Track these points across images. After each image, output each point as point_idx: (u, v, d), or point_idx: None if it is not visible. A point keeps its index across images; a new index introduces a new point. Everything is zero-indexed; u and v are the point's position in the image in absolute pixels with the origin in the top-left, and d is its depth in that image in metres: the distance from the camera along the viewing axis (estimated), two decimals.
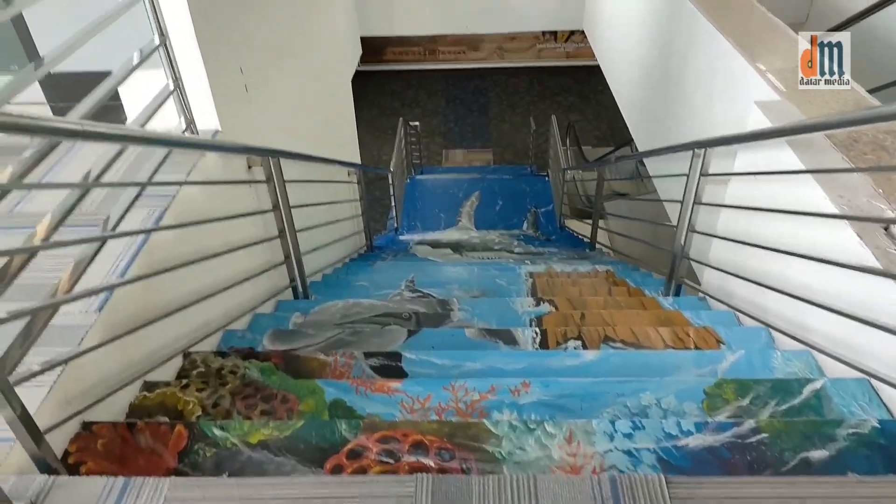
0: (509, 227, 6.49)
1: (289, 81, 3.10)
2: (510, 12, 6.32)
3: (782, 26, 2.95)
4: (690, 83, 3.45)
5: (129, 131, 1.50)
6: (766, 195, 2.12)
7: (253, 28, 2.56)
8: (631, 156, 5.06)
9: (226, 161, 2.21)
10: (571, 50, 11.34)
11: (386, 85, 11.14)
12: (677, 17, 3.65)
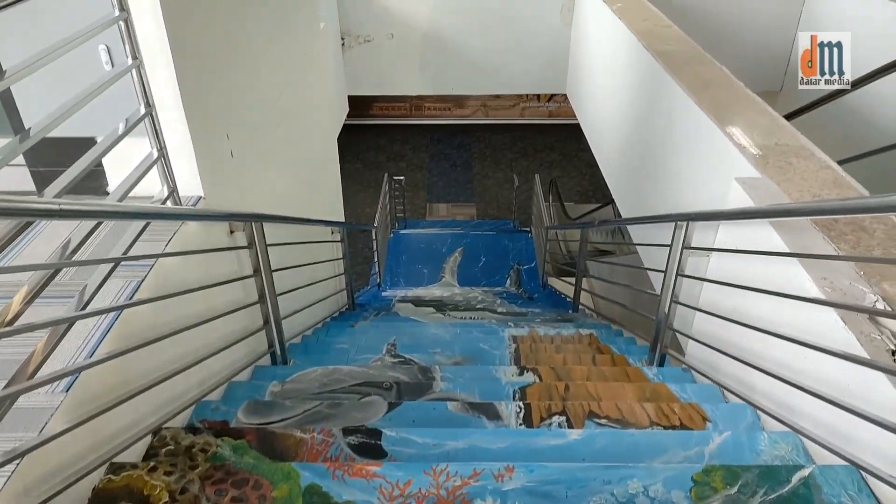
0: (492, 283, 6.48)
1: (275, 143, 3.11)
2: (495, 75, 6.47)
3: (760, 102, 3.03)
4: (671, 154, 3.52)
5: (108, 207, 1.47)
6: (749, 271, 2.14)
7: (240, 94, 2.57)
8: (613, 221, 5.12)
9: (207, 227, 2.18)
10: (554, 109, 11.65)
11: (372, 139, 11.28)
12: (657, 89, 3.75)
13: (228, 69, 2.40)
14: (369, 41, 6.30)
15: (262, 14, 2.81)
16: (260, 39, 2.82)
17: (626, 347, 3.20)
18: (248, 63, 2.62)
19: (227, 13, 2.38)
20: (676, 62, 3.62)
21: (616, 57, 4.82)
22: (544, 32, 6.36)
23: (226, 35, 2.37)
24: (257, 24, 2.76)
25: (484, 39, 6.40)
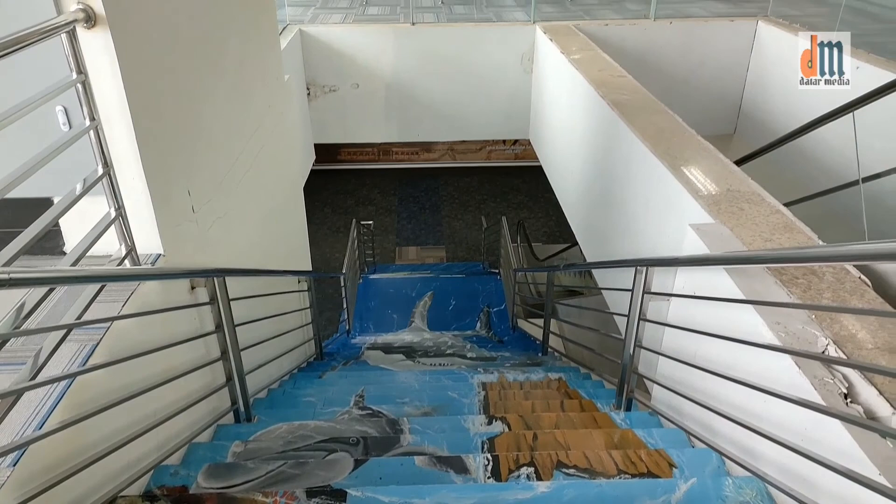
0: (462, 327, 6.47)
1: (238, 196, 3.11)
2: (459, 122, 6.60)
3: (712, 149, 3.15)
4: (630, 199, 3.62)
5: (61, 272, 1.45)
6: (708, 315, 2.18)
7: (202, 150, 2.57)
8: (578, 265, 5.20)
9: (167, 284, 2.15)
10: (520, 151, 11.89)
11: (340, 183, 11.33)
12: (614, 136, 3.87)
13: (189, 126, 2.41)
14: (335, 91, 6.39)
15: (224, 69, 2.84)
16: (222, 94, 2.85)
17: (594, 391, 3.21)
18: (209, 119, 2.63)
19: (188, 71, 2.39)
20: (631, 111, 3.76)
21: (574, 104, 4.98)
22: (506, 80, 6.54)
23: (186, 92, 2.38)
24: (219, 80, 2.78)
25: (447, 88, 6.55)
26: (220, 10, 2.79)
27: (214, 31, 2.72)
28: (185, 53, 2.37)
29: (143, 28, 1.99)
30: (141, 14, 1.97)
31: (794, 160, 4.81)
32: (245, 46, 3.17)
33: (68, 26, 1.73)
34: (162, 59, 2.13)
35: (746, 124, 6.44)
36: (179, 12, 2.31)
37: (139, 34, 1.95)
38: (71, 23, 1.73)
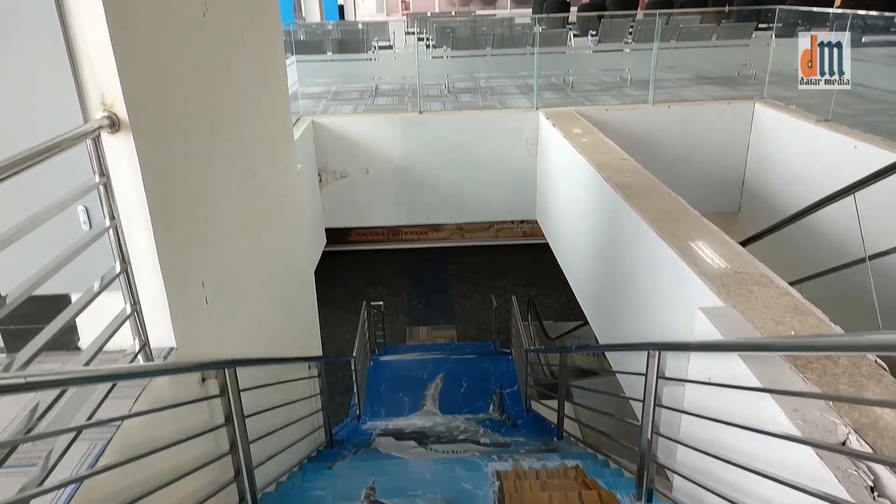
0: (475, 410, 6.34)
1: (250, 284, 3.15)
2: (466, 205, 6.75)
3: (717, 231, 3.19)
4: (639, 281, 3.63)
5: (76, 373, 1.46)
6: (725, 401, 2.14)
7: (217, 244, 2.64)
8: (590, 347, 5.16)
9: (178, 378, 2.15)
10: (528, 229, 12.04)
11: (350, 264, 11.44)
12: (620, 219, 3.93)
13: (204, 220, 2.48)
14: (345, 177, 6.58)
15: (239, 165, 2.96)
16: (237, 188, 2.94)
17: (613, 481, 3.10)
18: (224, 212, 2.71)
19: (204, 169, 2.49)
20: (635, 193, 3.84)
21: (579, 187, 5.08)
22: (512, 163, 6.72)
23: (202, 190, 2.47)
24: (234, 175, 2.89)
25: (454, 171, 6.73)
26: (237, 111, 2.94)
27: (231, 131, 2.84)
28: (203, 153, 2.48)
29: (163, 132, 2.09)
30: (161, 119, 2.07)
31: (799, 238, 4.83)
32: (260, 142, 3.31)
33: (94, 133, 1.82)
34: (180, 160, 2.22)
35: (750, 202, 6.53)
36: (198, 116, 2.43)
37: (159, 138, 2.05)
38: (97, 129, 1.83)
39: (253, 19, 3.29)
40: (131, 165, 1.90)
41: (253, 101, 3.24)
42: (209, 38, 2.58)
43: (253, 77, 3.21)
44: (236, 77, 2.91)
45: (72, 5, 1.81)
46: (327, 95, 7.87)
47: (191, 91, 2.36)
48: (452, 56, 8.27)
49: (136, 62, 1.91)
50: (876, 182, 2.89)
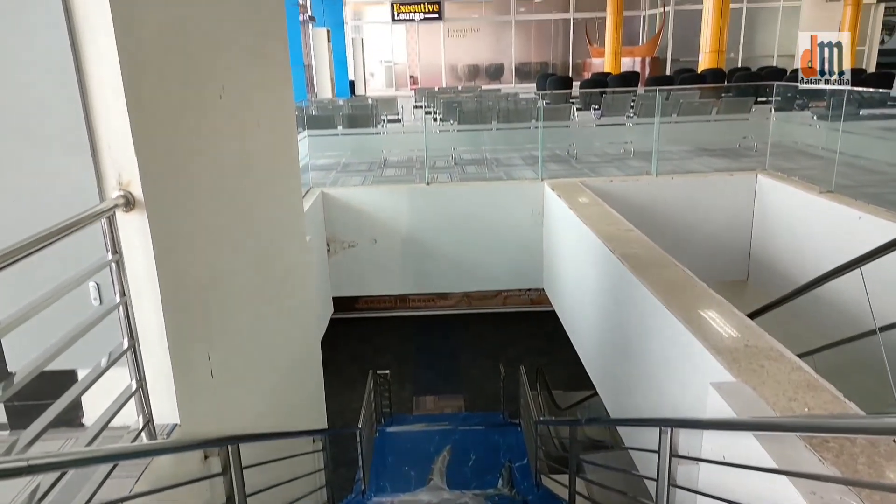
0: (483, 485, 6.14)
1: (256, 357, 3.14)
2: (473, 273, 6.79)
3: (725, 303, 3.18)
4: (648, 354, 3.59)
5: (79, 454, 1.45)
6: (742, 481, 2.08)
7: (224, 317, 2.65)
8: (600, 420, 5.06)
9: (181, 455, 2.12)
10: (535, 297, 12.00)
11: (357, 331, 11.37)
12: (627, 291, 3.93)
13: (213, 296, 2.50)
14: (353, 246, 6.66)
15: (250, 241, 3.01)
16: (246, 263, 2.98)
17: None
18: (233, 287, 2.74)
19: (215, 247, 2.54)
20: (641, 265, 3.85)
21: (585, 258, 5.11)
22: (518, 233, 6.79)
23: (212, 266, 2.50)
24: (244, 252, 2.93)
25: (461, 240, 6.80)
26: (250, 188, 3.02)
27: (243, 208, 2.91)
28: (214, 230, 2.53)
29: (177, 210, 2.14)
30: (175, 197, 2.13)
31: (807, 308, 4.79)
32: (271, 217, 3.38)
33: (110, 211, 1.87)
34: (192, 237, 2.27)
35: (758, 270, 6.53)
36: (211, 194, 2.50)
37: (172, 216, 2.10)
38: (112, 208, 1.88)
39: (267, 99, 3.43)
40: (144, 243, 1.94)
41: (265, 178, 3.33)
42: (224, 120, 2.68)
43: (266, 155, 3.31)
44: (250, 156, 3.01)
45: (95, 89, 1.90)
46: (337, 167, 8.06)
47: (205, 170, 2.44)
48: (459, 130, 8.51)
49: (153, 143, 1.99)
50: (882, 256, 2.90)
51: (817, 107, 8.09)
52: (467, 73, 25.38)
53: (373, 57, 24.64)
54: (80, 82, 1.88)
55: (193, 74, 2.38)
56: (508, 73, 25.19)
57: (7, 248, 1.44)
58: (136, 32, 1.93)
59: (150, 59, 2.02)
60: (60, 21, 1.82)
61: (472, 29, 24.92)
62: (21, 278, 2.02)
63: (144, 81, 1.97)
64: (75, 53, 1.85)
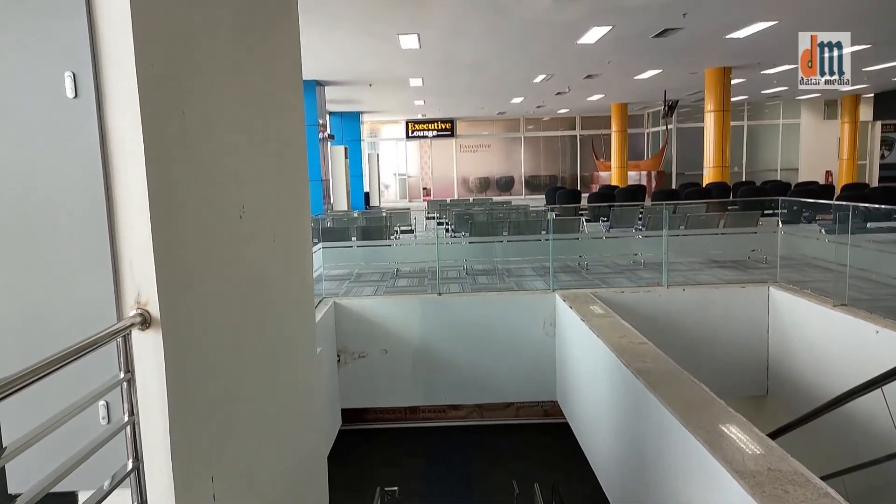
0: None
1: (261, 476, 3.04)
2: (485, 385, 6.69)
3: (746, 423, 3.09)
4: (667, 474, 3.45)
5: None
6: None
7: (231, 437, 2.60)
8: None
9: None
10: (549, 408, 11.64)
11: (366, 443, 11.00)
12: (642, 407, 3.84)
13: (222, 417, 2.48)
14: (364, 357, 6.62)
15: (262, 360, 3.01)
16: (256, 380, 2.97)
17: None
18: (243, 409, 2.71)
19: (229, 366, 2.54)
20: (656, 380, 3.78)
21: (598, 371, 5.03)
22: (530, 344, 6.74)
23: (224, 387, 2.50)
24: (254, 369, 2.93)
25: (473, 352, 6.75)
26: (265, 306, 3.06)
27: (258, 327, 2.94)
28: (228, 349, 2.55)
29: (193, 330, 2.17)
30: (192, 317, 2.17)
31: (831, 427, 4.62)
32: (282, 330, 3.40)
33: (125, 330, 1.91)
34: (206, 357, 2.28)
35: (778, 386, 6.36)
36: (227, 313, 2.54)
37: (188, 336, 2.13)
38: (129, 327, 1.91)
39: (285, 214, 3.56)
40: (157, 362, 1.95)
41: (279, 291, 3.39)
42: (243, 238, 2.77)
43: (281, 268, 3.39)
44: (265, 270, 3.08)
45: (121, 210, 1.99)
46: (350, 277, 8.19)
47: (220, 288, 2.50)
48: (471, 241, 8.70)
49: (173, 263, 2.05)
50: None
51: (824, 220, 8.25)
52: (478, 185, 26.28)
53: (387, 170, 25.71)
54: (109, 203, 1.97)
55: (218, 197, 2.49)
56: (519, 185, 26.05)
57: (21, 371, 1.46)
58: (166, 160, 2.05)
59: (177, 183, 2.14)
60: (95, 148, 1.95)
61: (483, 145, 26.09)
62: (29, 398, 2.03)
63: (171, 204, 2.07)
64: (106, 179, 1.96)
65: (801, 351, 5.99)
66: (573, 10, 8.08)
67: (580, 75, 13.91)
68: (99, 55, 1.78)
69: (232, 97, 2.58)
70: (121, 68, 1.76)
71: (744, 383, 6.47)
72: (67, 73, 1.78)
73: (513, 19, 8.44)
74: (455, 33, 9.25)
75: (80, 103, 1.81)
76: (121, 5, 1.69)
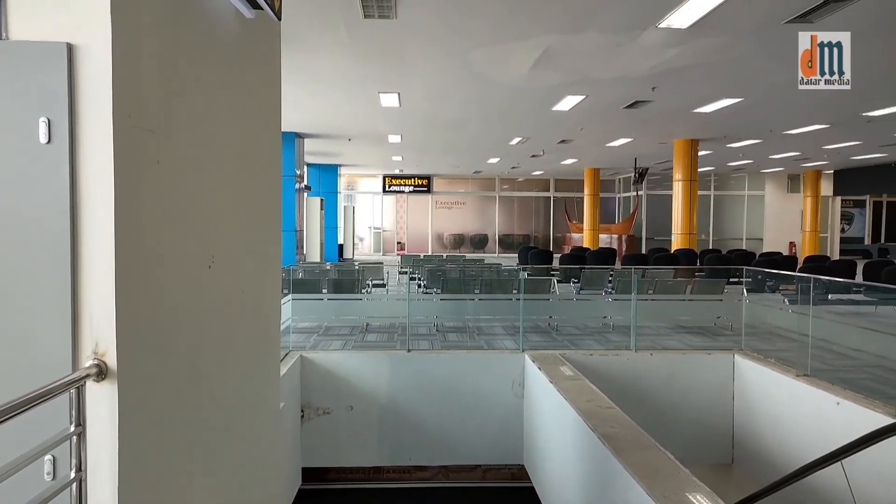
0: None
1: None
2: (452, 447, 6.57)
3: (710, 493, 3.07)
4: None
5: None
6: None
7: (181, 491, 2.50)
8: None
9: None
10: (516, 471, 11.40)
11: None
12: (609, 474, 3.79)
13: (174, 473, 2.38)
14: (328, 413, 6.46)
15: (221, 415, 2.92)
16: (216, 439, 2.87)
17: None
18: (197, 466, 2.61)
19: (185, 420, 2.46)
20: (622, 446, 3.76)
21: (566, 434, 4.98)
22: (498, 405, 6.67)
23: (178, 441, 2.41)
24: (215, 428, 2.84)
25: (440, 411, 6.64)
26: (226, 358, 3.00)
27: (218, 380, 2.87)
28: (187, 404, 2.47)
29: (150, 382, 2.11)
30: (151, 369, 2.11)
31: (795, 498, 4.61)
32: (245, 385, 3.32)
33: (80, 381, 1.84)
34: (162, 410, 2.21)
35: (743, 454, 6.36)
36: (187, 366, 2.47)
37: (145, 388, 2.06)
38: (84, 378, 1.85)
39: (255, 266, 3.53)
40: (111, 416, 1.89)
41: (245, 346, 3.32)
42: (210, 289, 2.74)
43: (247, 320, 3.34)
44: (232, 325, 3.03)
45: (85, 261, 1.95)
46: (319, 330, 8.07)
47: (182, 339, 2.44)
48: (443, 298, 8.69)
49: (135, 314, 2.01)
50: (862, 449, 2.87)
51: (787, 290, 8.46)
52: (453, 241, 26.48)
53: (363, 223, 25.81)
54: (74, 248, 1.93)
55: (187, 248, 2.47)
56: (492, 243, 26.33)
57: None
58: (136, 208, 2.03)
59: (146, 232, 2.11)
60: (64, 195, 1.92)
61: (458, 202, 26.44)
62: None
63: (138, 253, 2.04)
64: (73, 224, 1.92)
65: (765, 419, 6.03)
66: (549, 80, 8.40)
67: (555, 140, 14.33)
68: (76, 103, 1.79)
69: (209, 148, 2.60)
70: (98, 117, 1.76)
71: (709, 451, 6.45)
72: (42, 119, 1.78)
73: (491, 85, 8.73)
74: (435, 95, 9.51)
75: (52, 149, 1.81)
76: (102, 58, 1.72)
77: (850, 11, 5.30)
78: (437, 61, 7.55)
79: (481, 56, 7.22)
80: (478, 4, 5.53)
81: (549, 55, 7.10)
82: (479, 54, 7.15)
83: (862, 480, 3.03)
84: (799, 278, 6.85)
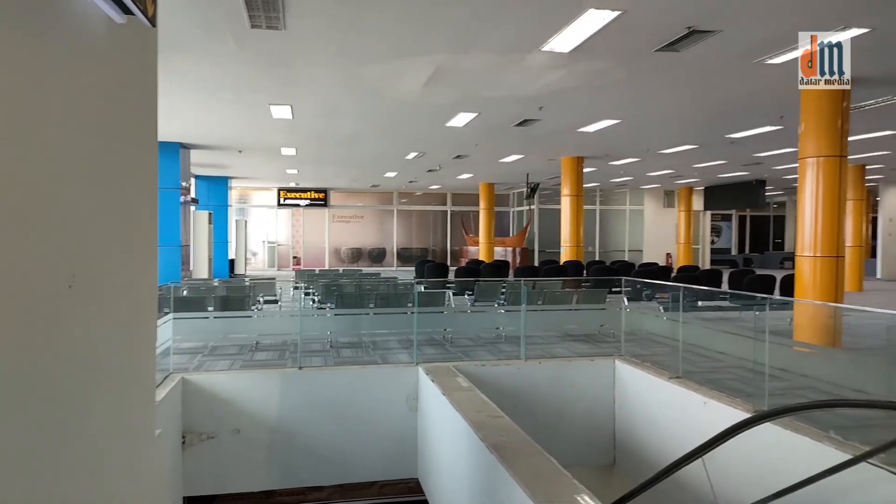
0: None
1: None
2: (346, 464, 6.45)
3: (589, 495, 3.21)
4: None
5: None
6: None
7: None
8: None
9: None
10: (413, 485, 11.38)
11: None
12: (495, 482, 3.88)
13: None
14: (213, 438, 6.14)
15: (77, 445, 2.70)
16: (81, 474, 2.65)
17: None
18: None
19: (33, 448, 2.26)
20: (509, 454, 3.86)
21: (457, 445, 5.05)
22: (393, 420, 6.64)
23: (38, 473, 2.20)
24: (69, 464, 2.62)
25: (334, 429, 6.51)
26: (89, 381, 2.79)
27: (80, 408, 2.66)
28: (47, 438, 2.27)
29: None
30: None
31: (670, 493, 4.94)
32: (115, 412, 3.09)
33: None
34: (19, 450, 2.01)
35: (623, 454, 6.73)
36: (45, 395, 2.27)
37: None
38: None
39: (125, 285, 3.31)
40: None
41: (111, 373, 3.10)
42: (71, 311, 2.54)
43: (113, 344, 3.12)
44: (94, 346, 2.82)
45: None
46: (204, 350, 7.68)
47: (40, 368, 2.24)
48: (337, 313, 8.56)
49: None
50: (718, 446, 3.12)
51: (662, 298, 9.10)
52: (350, 255, 26.21)
53: (256, 237, 24.94)
54: None
55: (42, 267, 2.28)
56: (391, 257, 26.31)
57: None
58: None
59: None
60: None
61: (356, 215, 26.24)
62: None
63: None
64: None
65: (643, 421, 6.42)
66: (442, 97, 8.57)
67: (450, 155, 14.61)
68: None
69: (70, 158, 2.42)
70: None
71: (593, 453, 6.77)
72: None
73: (386, 100, 8.77)
74: (329, 108, 9.42)
75: None
76: None
77: (715, 41, 5.83)
78: (330, 75, 7.49)
79: (375, 71, 7.24)
80: (368, 18, 5.55)
81: (440, 72, 7.25)
82: (372, 69, 7.17)
83: (722, 473, 3.30)
84: (671, 287, 7.38)
